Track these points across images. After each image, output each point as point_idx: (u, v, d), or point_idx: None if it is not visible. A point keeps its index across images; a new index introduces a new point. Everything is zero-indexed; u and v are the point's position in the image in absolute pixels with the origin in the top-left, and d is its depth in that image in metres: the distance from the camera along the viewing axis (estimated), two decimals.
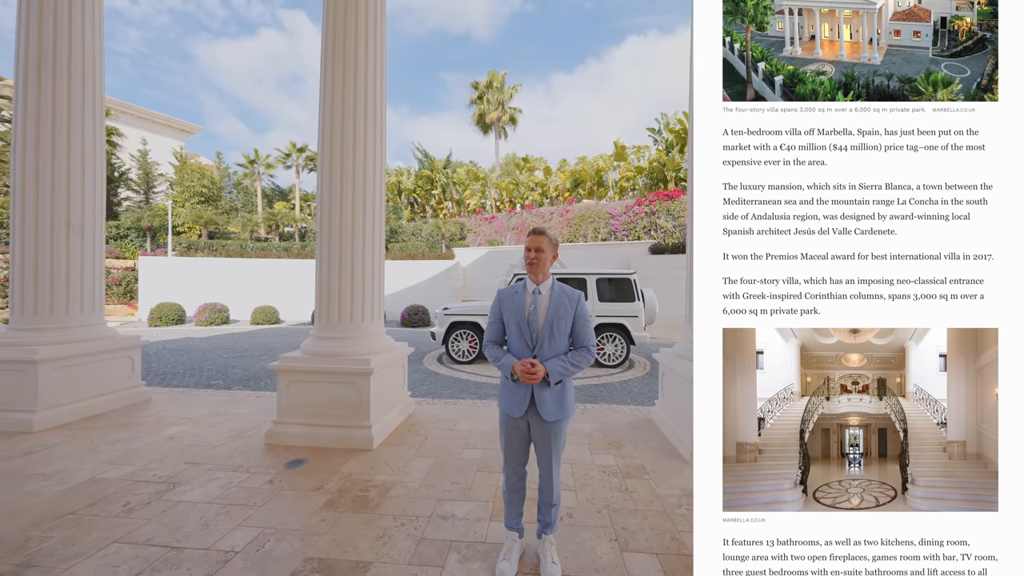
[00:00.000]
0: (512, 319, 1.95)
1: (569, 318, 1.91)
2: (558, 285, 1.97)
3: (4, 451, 3.30)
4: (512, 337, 1.96)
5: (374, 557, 2.08)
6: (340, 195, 3.71)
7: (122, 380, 4.59)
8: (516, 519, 2.05)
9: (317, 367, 3.53)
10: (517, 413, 1.90)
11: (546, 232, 1.95)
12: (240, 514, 2.46)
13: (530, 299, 1.94)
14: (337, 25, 3.74)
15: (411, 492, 2.74)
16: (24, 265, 4.02)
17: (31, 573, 1.93)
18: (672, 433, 3.64)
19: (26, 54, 4.07)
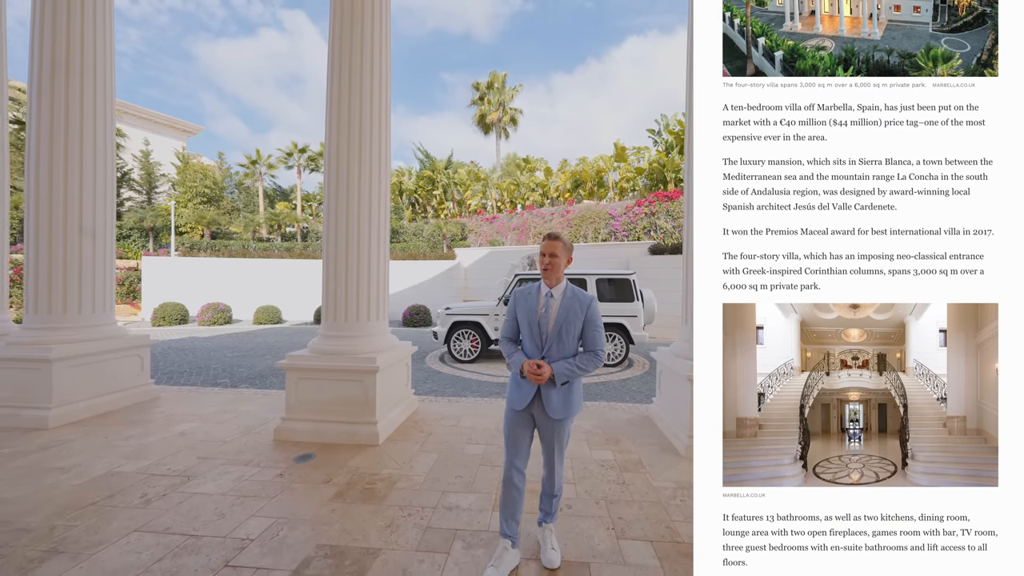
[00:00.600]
0: (525, 319, 2.01)
1: (579, 322, 1.95)
2: (571, 289, 2.01)
3: (22, 446, 3.41)
4: (525, 336, 2.03)
5: (383, 544, 2.19)
6: (346, 197, 3.82)
7: (132, 378, 4.70)
8: (512, 524, 2.02)
9: (324, 365, 3.64)
10: (519, 407, 1.97)
11: (561, 237, 1.99)
12: (253, 505, 2.57)
13: (543, 302, 1.99)
14: (343, 32, 3.85)
15: (416, 485, 2.85)
16: (39, 266, 4.14)
17: (59, 559, 2.04)
18: (669, 429, 3.75)
19: (40, 57, 4.17)
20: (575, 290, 2.01)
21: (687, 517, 2.47)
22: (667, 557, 2.10)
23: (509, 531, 2.01)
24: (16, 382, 3.93)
